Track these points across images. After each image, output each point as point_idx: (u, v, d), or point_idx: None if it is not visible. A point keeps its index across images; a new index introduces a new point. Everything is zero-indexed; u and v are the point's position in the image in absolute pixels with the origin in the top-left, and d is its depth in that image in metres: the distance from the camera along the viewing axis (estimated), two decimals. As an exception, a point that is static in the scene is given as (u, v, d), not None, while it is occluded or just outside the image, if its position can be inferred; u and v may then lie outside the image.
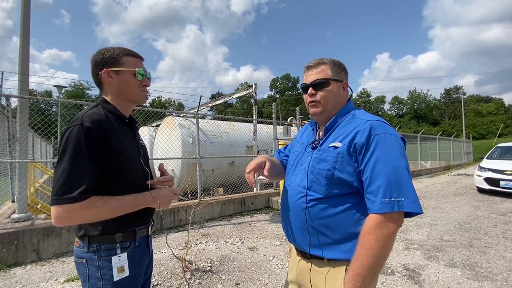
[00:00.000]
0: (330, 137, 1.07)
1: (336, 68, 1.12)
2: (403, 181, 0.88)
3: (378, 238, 0.86)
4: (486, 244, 3.80)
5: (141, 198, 1.06)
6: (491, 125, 50.18)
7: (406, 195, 0.87)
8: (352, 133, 0.98)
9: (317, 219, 1.01)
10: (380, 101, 70.67)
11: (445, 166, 16.62)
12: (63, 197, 0.89)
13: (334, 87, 1.10)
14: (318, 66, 1.12)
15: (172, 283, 2.71)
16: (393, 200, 0.86)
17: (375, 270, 0.87)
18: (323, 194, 1.00)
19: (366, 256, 0.86)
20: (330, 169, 0.99)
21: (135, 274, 1.08)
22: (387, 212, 0.86)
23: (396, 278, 2.85)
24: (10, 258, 3.26)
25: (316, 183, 1.02)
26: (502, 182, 7.17)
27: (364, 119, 1.00)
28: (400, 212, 0.87)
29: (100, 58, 1.08)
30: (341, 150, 0.98)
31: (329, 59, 1.13)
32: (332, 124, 1.09)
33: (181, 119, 7.41)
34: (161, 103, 51.30)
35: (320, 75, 1.10)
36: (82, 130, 0.93)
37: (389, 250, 0.88)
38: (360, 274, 0.87)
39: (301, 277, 1.11)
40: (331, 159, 1.00)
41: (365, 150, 0.94)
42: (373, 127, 0.96)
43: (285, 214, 1.14)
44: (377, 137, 0.94)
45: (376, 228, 0.87)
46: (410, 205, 0.86)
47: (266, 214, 5.68)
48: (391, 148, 0.93)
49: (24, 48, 3.97)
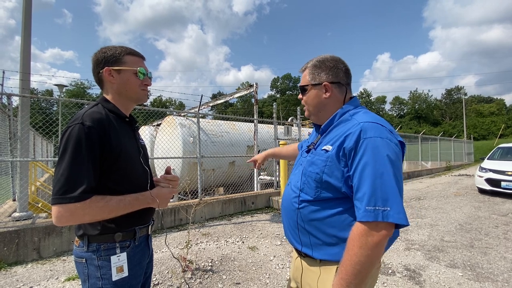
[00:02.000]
0: (325, 139, 1.04)
1: (315, 71, 1.08)
2: (389, 190, 0.83)
3: (361, 246, 0.83)
4: (487, 245, 3.79)
5: (142, 199, 1.06)
6: (492, 126, 50.09)
7: (391, 204, 0.82)
8: (343, 137, 0.94)
9: (307, 221, 1.02)
10: (381, 101, 70.59)
11: (446, 166, 16.59)
12: (65, 196, 0.88)
13: (312, 92, 1.09)
14: (302, 72, 1.15)
15: (172, 282, 2.71)
16: (377, 209, 0.82)
17: (360, 277, 0.84)
18: (312, 197, 1.00)
19: (349, 262, 0.85)
20: (318, 173, 0.97)
21: (135, 273, 1.07)
22: (371, 221, 0.82)
23: (396, 279, 2.84)
24: (11, 257, 3.27)
25: (307, 186, 1.02)
26: (503, 183, 7.14)
27: (358, 121, 0.95)
28: (386, 222, 0.82)
29: (102, 56, 1.07)
30: (330, 154, 0.95)
31: (312, 62, 1.10)
32: (327, 126, 1.07)
33: (182, 118, 7.41)
34: (162, 103, 51.31)
35: (302, 81, 1.14)
36: (83, 129, 0.93)
37: (374, 258, 0.84)
38: (345, 279, 0.85)
39: (296, 274, 1.14)
40: (320, 162, 0.98)
41: (354, 154, 0.89)
42: (363, 130, 0.90)
43: (283, 212, 1.18)
44: (366, 141, 0.88)
45: (360, 236, 0.84)
46: (394, 216, 0.81)
47: (267, 214, 5.68)
48: (380, 154, 0.86)
49: (26, 47, 3.98)
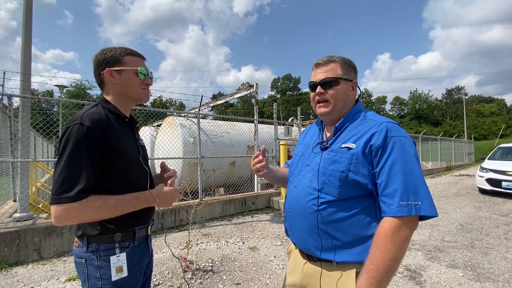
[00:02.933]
0: (340, 137, 1.04)
1: (346, 67, 1.08)
2: (419, 185, 0.88)
3: (395, 241, 0.85)
4: (487, 245, 3.78)
5: (142, 198, 1.06)
6: (493, 126, 50.01)
7: (422, 199, 0.87)
8: (367, 135, 0.95)
9: (329, 222, 0.98)
10: (381, 101, 70.55)
11: (447, 166, 16.55)
12: (62, 196, 0.89)
13: (343, 87, 1.06)
14: (327, 64, 1.08)
15: (173, 282, 2.71)
16: (410, 204, 0.86)
17: (391, 273, 0.86)
18: (335, 197, 0.97)
19: (382, 259, 0.85)
20: (344, 171, 0.96)
21: (134, 274, 1.07)
22: (404, 215, 0.86)
23: (397, 279, 2.84)
24: (12, 257, 3.27)
25: (328, 185, 0.98)
26: (504, 183, 7.13)
27: (379, 121, 0.98)
28: (416, 216, 0.87)
29: (102, 57, 1.08)
30: (356, 151, 0.95)
31: (340, 57, 1.09)
32: (343, 124, 1.06)
33: (182, 119, 7.41)
34: (162, 103, 51.36)
35: (330, 74, 1.06)
36: (82, 129, 0.93)
37: (404, 253, 0.87)
38: (375, 277, 0.85)
39: (307, 280, 1.06)
40: (345, 160, 0.97)
41: (382, 152, 0.92)
42: (389, 129, 0.94)
43: (292, 216, 1.09)
44: (393, 139, 0.92)
45: (393, 231, 0.86)
46: (427, 208, 0.86)
47: (267, 214, 5.68)
48: (408, 152, 0.91)
49: (26, 48, 3.98)
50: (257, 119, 6.80)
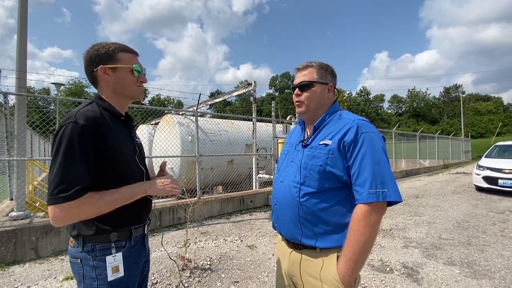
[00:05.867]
0: (319, 135, 1.16)
1: (322, 72, 1.19)
2: (386, 174, 1.00)
3: (367, 225, 0.96)
4: (484, 242, 3.81)
5: (136, 186, 1.04)
6: (490, 124, 50.32)
7: (388, 186, 0.98)
8: (341, 132, 1.07)
9: (310, 212, 1.08)
10: (379, 99, 70.66)
11: (444, 164, 16.64)
12: (58, 196, 0.87)
13: (318, 89, 1.17)
14: (305, 69, 1.20)
15: (171, 281, 2.71)
16: (378, 191, 0.97)
17: (365, 254, 0.98)
18: (315, 188, 1.08)
19: (357, 241, 0.96)
20: (322, 165, 1.07)
21: (131, 273, 1.06)
22: (373, 201, 0.97)
23: (394, 276, 2.85)
24: (8, 256, 3.25)
25: (309, 178, 1.09)
26: (500, 181, 7.18)
27: (351, 119, 1.10)
28: (384, 202, 0.99)
29: (95, 54, 1.04)
30: (332, 147, 1.07)
31: (317, 63, 1.20)
32: (320, 123, 1.18)
33: (180, 117, 7.38)
34: (160, 101, 51.10)
35: (306, 78, 1.18)
36: (76, 127, 0.91)
37: (375, 235, 0.99)
38: (352, 258, 0.97)
39: (293, 268, 1.16)
40: (323, 155, 1.08)
41: (353, 146, 1.03)
42: (359, 126, 1.06)
43: (279, 208, 1.19)
44: (364, 135, 1.04)
45: (364, 216, 0.97)
46: (392, 195, 0.98)
47: (265, 212, 5.68)
48: (376, 145, 1.03)
49: (22, 45, 3.94)
50: (256, 117, 6.79)
